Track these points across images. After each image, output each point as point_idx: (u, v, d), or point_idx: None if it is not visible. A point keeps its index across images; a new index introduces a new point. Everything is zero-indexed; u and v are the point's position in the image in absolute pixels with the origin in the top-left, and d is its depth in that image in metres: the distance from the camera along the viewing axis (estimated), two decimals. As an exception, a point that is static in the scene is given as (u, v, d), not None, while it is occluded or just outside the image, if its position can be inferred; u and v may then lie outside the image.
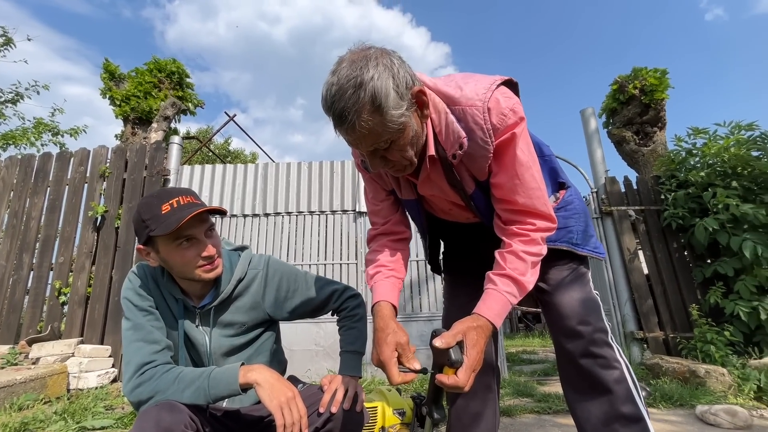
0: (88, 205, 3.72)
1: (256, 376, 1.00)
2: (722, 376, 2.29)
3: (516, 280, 0.91)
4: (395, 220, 1.20)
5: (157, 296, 1.15)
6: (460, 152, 0.93)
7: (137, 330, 1.08)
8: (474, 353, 0.84)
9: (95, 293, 3.51)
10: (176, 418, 0.92)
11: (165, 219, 1.02)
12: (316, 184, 3.99)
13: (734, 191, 3.11)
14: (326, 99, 0.82)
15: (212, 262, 1.11)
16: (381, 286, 1.07)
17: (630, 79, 4.01)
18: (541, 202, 0.94)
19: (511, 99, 0.90)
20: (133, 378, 1.01)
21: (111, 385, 3.14)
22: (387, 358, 0.90)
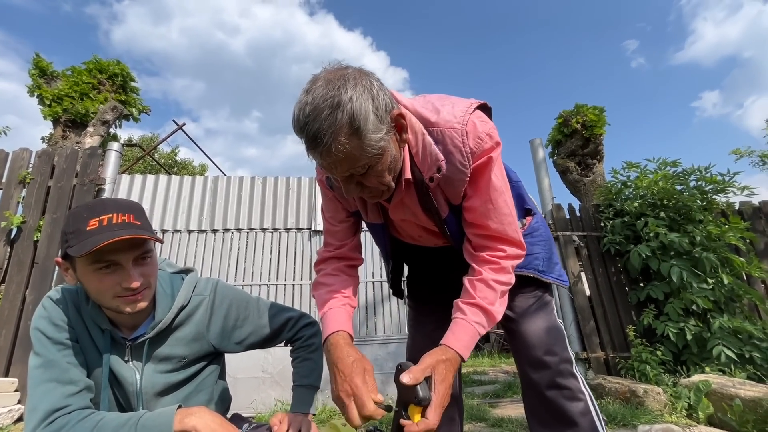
0: (0, 215, 3.26)
1: (196, 422, 0.87)
2: (658, 395, 2.43)
3: (485, 309, 0.89)
4: (351, 245, 1.14)
5: (78, 326, 0.98)
6: (437, 175, 0.90)
7: (49, 368, 0.90)
8: (443, 389, 0.80)
9: (2, 316, 3.04)
10: None
11: (86, 237, 0.87)
12: (270, 200, 3.83)
13: (662, 221, 3.42)
14: (299, 119, 0.77)
15: (135, 294, 0.94)
16: (336, 315, 0.99)
17: (573, 114, 4.36)
18: (512, 228, 0.93)
19: (487, 123, 0.90)
20: (39, 428, 0.84)
21: (14, 426, 2.69)
22: (358, 386, 0.81)
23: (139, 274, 0.94)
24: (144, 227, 0.95)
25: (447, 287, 1.25)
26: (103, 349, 0.99)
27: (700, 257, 3.23)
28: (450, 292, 1.27)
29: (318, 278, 1.11)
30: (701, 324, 3.22)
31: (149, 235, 0.93)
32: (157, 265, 1.03)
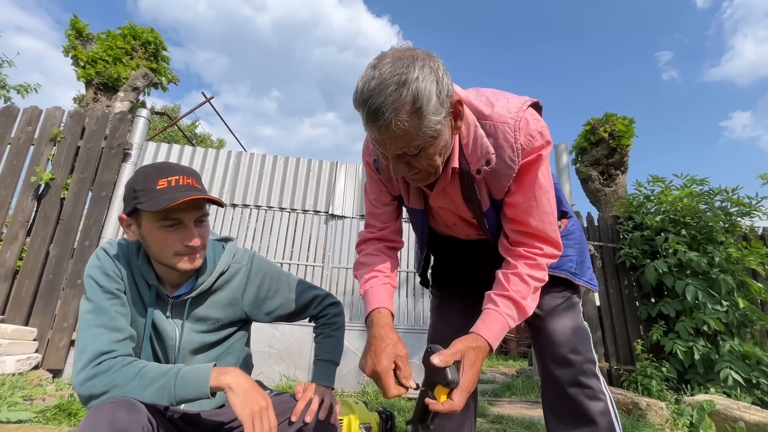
0: (31, 170, 3.35)
1: (230, 380, 0.91)
2: (661, 410, 2.44)
3: (517, 302, 0.90)
4: (393, 228, 1.17)
5: (128, 279, 1.04)
6: (486, 168, 0.92)
7: (99, 314, 0.96)
8: (470, 374, 0.82)
9: (26, 268, 3.14)
10: (134, 418, 0.82)
11: (158, 195, 0.93)
12: (290, 180, 3.87)
13: (683, 239, 3.38)
14: (362, 92, 0.78)
15: (194, 253, 1.01)
16: (378, 293, 1.02)
17: (601, 123, 4.30)
18: (552, 228, 0.94)
19: (539, 122, 0.91)
20: (88, 368, 0.89)
21: (32, 372, 2.81)
22: (384, 369, 0.86)
23: (197, 234, 0.99)
24: (205, 192, 1.00)
25: (474, 278, 1.27)
26: (149, 303, 1.04)
27: (717, 278, 3.20)
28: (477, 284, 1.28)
29: (359, 258, 1.15)
30: (710, 345, 3.20)
31: (215, 198, 0.99)
32: (209, 229, 1.08)
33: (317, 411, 1.02)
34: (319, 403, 1.03)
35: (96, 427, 0.79)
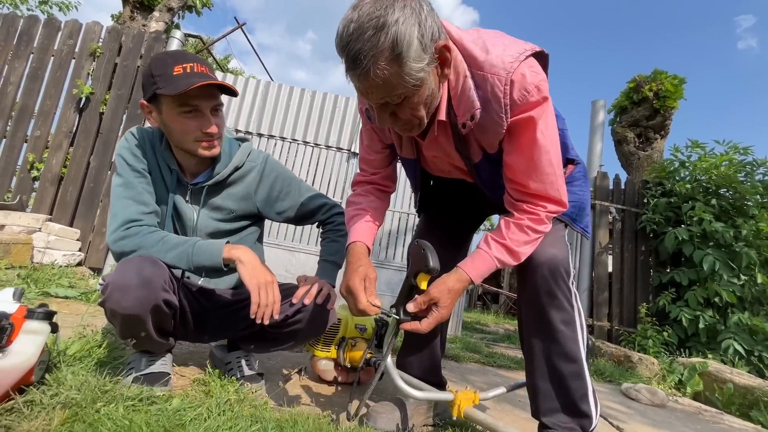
0: (73, 83, 3.51)
1: (240, 254, 1.02)
2: (652, 365, 2.51)
3: (511, 249, 0.93)
4: (385, 174, 1.19)
5: (152, 162, 1.14)
6: (470, 123, 0.88)
7: (128, 188, 1.07)
8: (443, 312, 0.91)
9: (70, 175, 3.40)
10: (158, 272, 0.95)
11: (175, 80, 1.00)
12: (316, 115, 3.89)
13: (711, 209, 3.24)
14: (342, 37, 0.74)
15: (211, 139, 1.09)
16: (359, 228, 1.08)
17: (648, 81, 3.99)
18: (554, 187, 0.92)
19: (538, 75, 0.83)
20: (118, 231, 1.02)
21: (76, 268, 3.14)
22: (356, 286, 0.95)
23: (215, 123, 1.07)
24: (217, 79, 1.05)
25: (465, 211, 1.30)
26: (170, 185, 1.15)
27: (740, 251, 3.10)
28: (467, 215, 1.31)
29: (350, 197, 1.20)
30: (718, 317, 3.18)
31: (229, 84, 1.05)
32: (225, 121, 1.15)
33: (315, 296, 1.13)
34: (318, 291, 1.14)
35: (126, 274, 0.93)
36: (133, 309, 0.92)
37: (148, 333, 1.00)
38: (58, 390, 0.87)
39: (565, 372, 0.97)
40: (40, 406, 0.82)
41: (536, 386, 1.01)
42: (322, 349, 1.44)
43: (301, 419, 0.94)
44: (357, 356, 1.40)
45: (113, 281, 0.92)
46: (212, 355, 1.40)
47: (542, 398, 0.99)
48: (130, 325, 0.97)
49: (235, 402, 1.03)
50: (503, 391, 1.21)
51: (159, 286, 0.94)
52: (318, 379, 1.49)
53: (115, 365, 1.13)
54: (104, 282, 0.95)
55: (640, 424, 1.65)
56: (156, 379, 1.05)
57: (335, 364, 1.46)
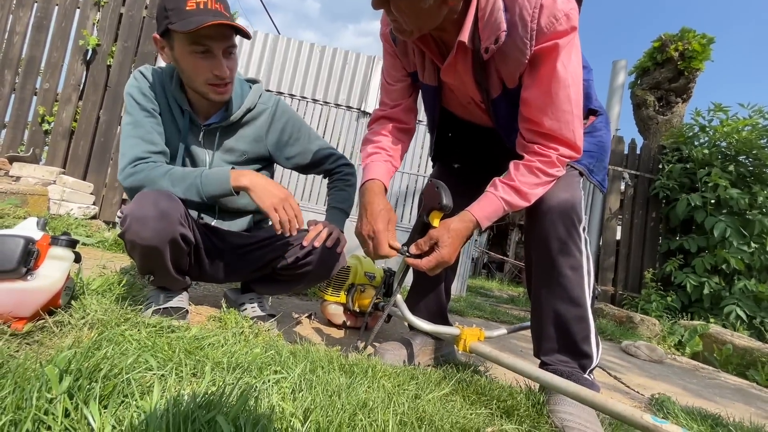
0: (79, 34, 3.44)
1: (247, 181, 1.03)
2: (653, 326, 2.56)
3: (519, 191, 0.91)
4: (405, 106, 1.15)
5: (163, 103, 1.13)
6: (493, 47, 0.85)
7: (137, 127, 1.08)
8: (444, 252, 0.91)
9: (81, 129, 3.41)
10: (174, 206, 0.97)
11: (187, 15, 0.97)
12: (325, 72, 3.79)
13: (728, 175, 3.17)
14: None
15: (224, 83, 1.08)
16: (377, 167, 1.06)
17: (674, 40, 3.78)
18: (569, 128, 0.89)
19: (569, 2, 0.80)
20: (127, 168, 1.04)
21: (91, 221, 3.22)
22: (381, 230, 0.94)
23: (226, 66, 1.05)
24: (233, 20, 1.02)
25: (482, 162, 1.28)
26: (182, 126, 1.15)
27: (753, 219, 3.06)
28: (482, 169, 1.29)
29: (367, 135, 1.16)
30: (723, 284, 3.19)
31: (242, 27, 1.02)
32: (237, 63, 1.13)
33: (325, 240, 1.16)
34: (327, 235, 1.17)
35: (144, 206, 0.95)
36: (151, 240, 0.95)
37: (165, 267, 1.03)
38: (85, 313, 0.92)
39: (568, 315, 0.98)
40: (69, 326, 0.87)
41: (539, 327, 1.03)
42: (332, 293, 1.49)
43: (313, 349, 0.99)
44: (366, 302, 1.45)
45: (131, 212, 0.94)
46: (226, 296, 1.45)
47: (544, 339, 1.02)
48: (149, 257, 1.00)
49: (250, 334, 1.08)
50: (505, 331, 1.25)
51: (176, 220, 0.97)
52: (327, 323, 1.55)
53: (135, 300, 1.18)
54: (123, 214, 0.97)
55: (638, 376, 1.71)
56: (173, 313, 1.10)
57: (344, 309, 1.51)
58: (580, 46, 0.89)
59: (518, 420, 0.82)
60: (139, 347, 0.82)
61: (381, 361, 1.03)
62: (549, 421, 0.86)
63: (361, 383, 0.79)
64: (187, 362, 0.74)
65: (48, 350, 0.77)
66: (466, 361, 1.26)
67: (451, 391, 0.90)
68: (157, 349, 0.82)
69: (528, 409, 0.88)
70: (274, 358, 0.88)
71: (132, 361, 0.67)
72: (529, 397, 0.94)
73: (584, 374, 0.99)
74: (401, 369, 0.97)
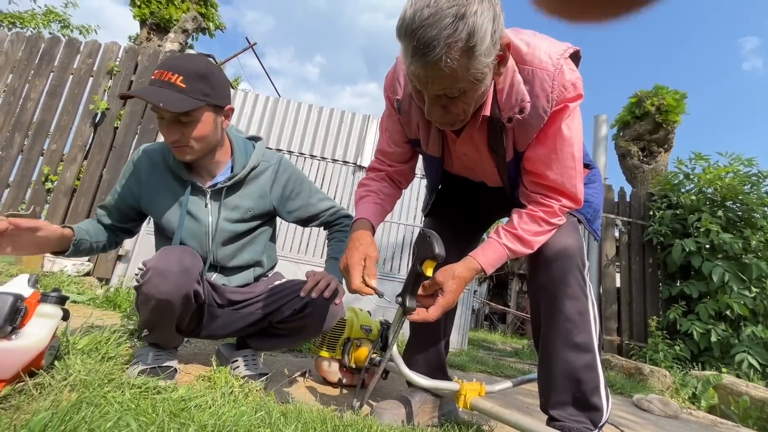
0: (90, 99, 3.65)
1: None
2: (664, 378, 2.45)
3: (522, 239, 0.93)
4: (401, 170, 1.18)
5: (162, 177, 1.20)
6: (518, 116, 0.89)
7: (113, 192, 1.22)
8: (449, 298, 0.91)
9: (83, 187, 3.49)
10: (196, 263, 1.01)
11: (144, 84, 1.05)
12: (323, 130, 3.98)
13: (718, 220, 3.22)
14: (413, 20, 0.71)
15: (179, 146, 1.08)
16: (366, 207, 1.07)
17: (649, 96, 4.05)
18: (572, 182, 0.93)
19: (575, 72, 0.87)
20: None
21: (84, 278, 3.17)
22: (354, 263, 0.92)
23: (179, 132, 1.06)
24: (186, 92, 1.02)
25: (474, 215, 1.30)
26: (184, 197, 1.18)
27: (749, 263, 3.06)
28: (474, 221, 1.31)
29: (362, 180, 1.19)
30: (731, 330, 3.10)
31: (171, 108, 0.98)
32: (209, 129, 1.11)
33: (322, 291, 1.14)
34: (325, 286, 1.15)
35: (168, 261, 0.97)
36: (168, 294, 0.96)
37: (171, 323, 1.04)
38: (67, 374, 0.88)
39: (577, 363, 0.95)
40: (48, 389, 0.83)
41: (547, 378, 0.99)
42: (326, 349, 1.44)
43: (306, 409, 0.94)
44: (362, 356, 1.40)
45: (155, 266, 0.96)
46: (219, 353, 1.40)
47: (552, 390, 0.97)
48: (160, 312, 1.00)
49: (240, 394, 1.03)
50: (510, 385, 1.19)
51: (194, 277, 0.99)
52: (322, 381, 1.48)
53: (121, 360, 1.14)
54: (144, 267, 0.98)
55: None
56: (161, 372, 1.06)
57: (340, 366, 1.45)
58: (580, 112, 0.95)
59: (525, 484, 0.76)
60: (121, 410, 0.78)
61: (378, 421, 0.98)
62: (559, 484, 0.79)
63: (356, 445, 0.74)
64: (171, 426, 0.70)
65: (25, 415, 0.73)
66: (469, 419, 1.19)
67: (453, 452, 0.85)
68: (140, 411, 0.78)
69: (535, 471, 0.82)
70: (263, 419, 0.83)
71: (111, 425, 0.63)
72: (536, 458, 0.88)
73: (594, 431, 0.93)
74: (400, 429, 0.92)
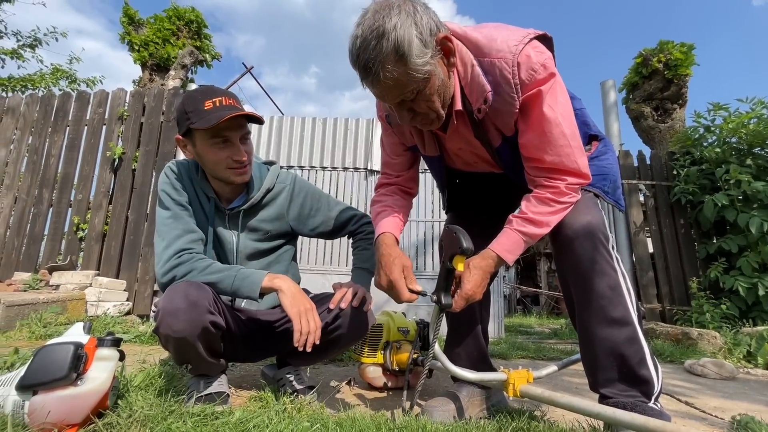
0: (106, 146, 3.80)
1: (281, 284, 1.08)
2: (714, 339, 2.36)
3: (534, 220, 0.94)
4: (408, 176, 1.25)
5: (191, 193, 1.22)
6: (484, 106, 0.93)
7: (177, 219, 1.16)
8: (468, 287, 0.93)
9: (112, 231, 3.63)
10: (203, 295, 1.01)
11: (206, 114, 1.08)
12: (330, 141, 4.02)
13: (748, 169, 3.09)
14: (352, 52, 0.84)
15: (243, 166, 1.17)
16: (386, 221, 1.12)
17: (655, 53, 3.92)
18: (570, 159, 0.93)
19: (543, 54, 0.89)
20: (171, 259, 1.09)
21: (126, 317, 3.30)
22: (397, 277, 0.97)
23: (244, 150, 1.15)
24: (244, 110, 1.13)
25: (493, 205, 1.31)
26: (209, 213, 1.23)
27: (788, 209, 2.92)
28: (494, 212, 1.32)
29: (374, 197, 1.25)
30: (778, 281, 2.97)
31: (255, 114, 1.14)
32: (253, 147, 1.23)
33: (351, 301, 1.16)
34: (353, 295, 1.17)
35: (174, 298, 0.99)
36: (183, 332, 0.97)
37: (200, 354, 1.05)
38: (131, 411, 0.93)
39: (618, 339, 0.93)
40: (117, 427, 0.88)
41: (590, 358, 0.98)
42: (368, 355, 1.46)
43: (359, 417, 0.96)
44: (403, 358, 1.41)
45: (163, 307, 0.98)
46: (263, 374, 1.44)
47: (598, 369, 0.96)
48: (183, 349, 1.02)
49: (293, 410, 1.06)
50: (555, 369, 1.19)
51: (204, 309, 1.00)
52: (368, 387, 1.50)
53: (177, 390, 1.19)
54: (156, 308, 1.01)
55: (711, 398, 1.56)
56: (215, 399, 1.10)
57: (383, 370, 1.47)
58: (563, 84, 0.96)
59: (588, 465, 0.76)
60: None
61: (430, 419, 0.99)
62: (622, 461, 0.79)
63: (414, 446, 0.75)
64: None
65: (101, 454, 0.78)
66: (519, 407, 1.18)
67: (510, 442, 0.85)
68: (205, 438, 0.81)
69: (596, 451, 0.82)
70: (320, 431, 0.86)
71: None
72: (594, 437, 0.88)
73: (649, 403, 0.92)
74: (453, 425, 0.93)
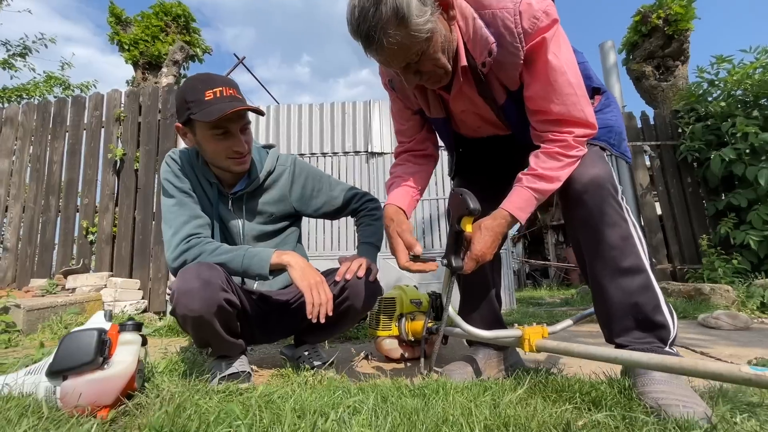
0: (106, 148, 3.80)
1: (289, 259, 1.09)
2: (726, 293, 2.36)
3: (543, 176, 0.93)
4: (420, 138, 1.24)
5: (193, 180, 1.23)
6: (489, 59, 0.92)
7: (182, 206, 1.17)
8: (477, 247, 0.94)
9: (120, 233, 3.67)
10: (215, 274, 1.03)
11: (207, 106, 1.07)
12: (328, 126, 4.00)
13: (755, 121, 3.04)
14: (351, 23, 0.83)
15: (242, 156, 1.16)
16: (393, 193, 1.14)
17: (654, 9, 3.81)
18: (577, 108, 0.91)
19: (543, 1, 0.87)
20: (181, 244, 1.11)
21: (143, 314, 3.37)
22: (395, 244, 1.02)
23: (244, 141, 1.14)
24: (245, 101, 1.13)
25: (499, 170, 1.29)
26: (213, 198, 1.24)
27: (797, 159, 2.88)
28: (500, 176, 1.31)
29: (391, 168, 1.26)
30: (790, 232, 2.94)
31: (255, 107, 1.13)
32: (252, 136, 1.23)
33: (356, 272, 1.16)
34: (357, 266, 1.18)
35: (187, 279, 1.01)
36: (200, 310, 0.99)
37: (218, 333, 1.07)
38: (159, 392, 0.96)
39: (631, 287, 0.93)
40: (147, 407, 0.91)
41: (605, 310, 0.98)
42: (383, 328, 1.48)
43: (380, 382, 0.98)
44: (418, 327, 1.43)
45: (178, 288, 1.00)
46: (283, 354, 1.47)
47: (613, 320, 0.97)
48: (201, 328, 1.04)
49: (315, 382, 1.08)
50: (570, 323, 1.20)
51: (218, 287, 1.02)
52: (385, 360, 1.53)
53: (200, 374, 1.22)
54: (171, 290, 1.03)
55: (726, 347, 1.57)
56: (238, 377, 1.13)
57: (399, 341, 1.49)
58: (565, 34, 0.94)
59: (608, 409, 0.77)
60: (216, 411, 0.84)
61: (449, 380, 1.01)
62: (641, 403, 0.80)
63: (436, 402, 0.77)
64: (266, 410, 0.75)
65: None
66: (535, 366, 1.20)
67: (529, 394, 0.87)
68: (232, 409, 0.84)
69: (615, 396, 0.83)
70: (343, 397, 0.88)
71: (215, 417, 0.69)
72: (612, 384, 0.89)
73: (666, 347, 0.93)
74: (472, 383, 0.94)
